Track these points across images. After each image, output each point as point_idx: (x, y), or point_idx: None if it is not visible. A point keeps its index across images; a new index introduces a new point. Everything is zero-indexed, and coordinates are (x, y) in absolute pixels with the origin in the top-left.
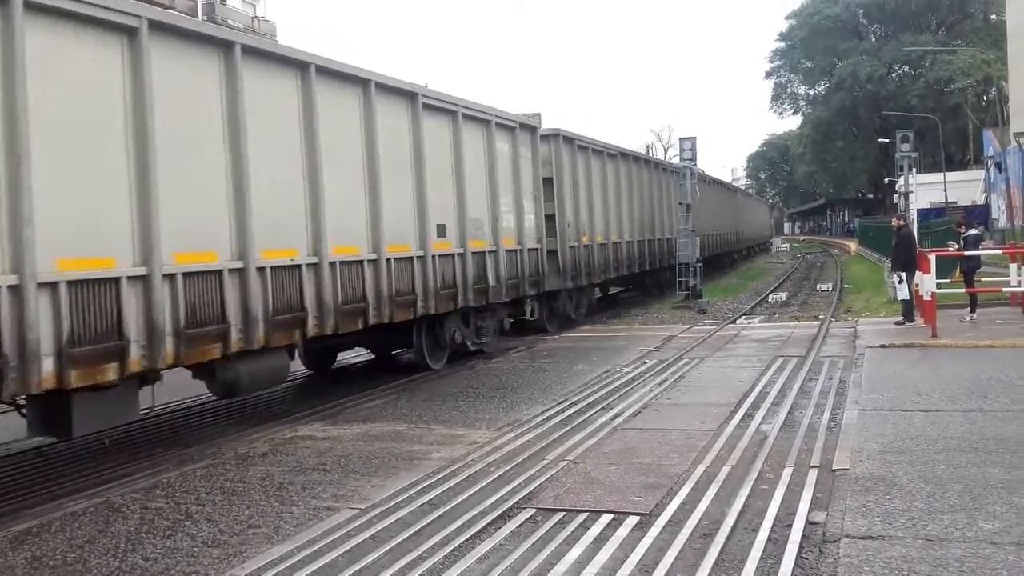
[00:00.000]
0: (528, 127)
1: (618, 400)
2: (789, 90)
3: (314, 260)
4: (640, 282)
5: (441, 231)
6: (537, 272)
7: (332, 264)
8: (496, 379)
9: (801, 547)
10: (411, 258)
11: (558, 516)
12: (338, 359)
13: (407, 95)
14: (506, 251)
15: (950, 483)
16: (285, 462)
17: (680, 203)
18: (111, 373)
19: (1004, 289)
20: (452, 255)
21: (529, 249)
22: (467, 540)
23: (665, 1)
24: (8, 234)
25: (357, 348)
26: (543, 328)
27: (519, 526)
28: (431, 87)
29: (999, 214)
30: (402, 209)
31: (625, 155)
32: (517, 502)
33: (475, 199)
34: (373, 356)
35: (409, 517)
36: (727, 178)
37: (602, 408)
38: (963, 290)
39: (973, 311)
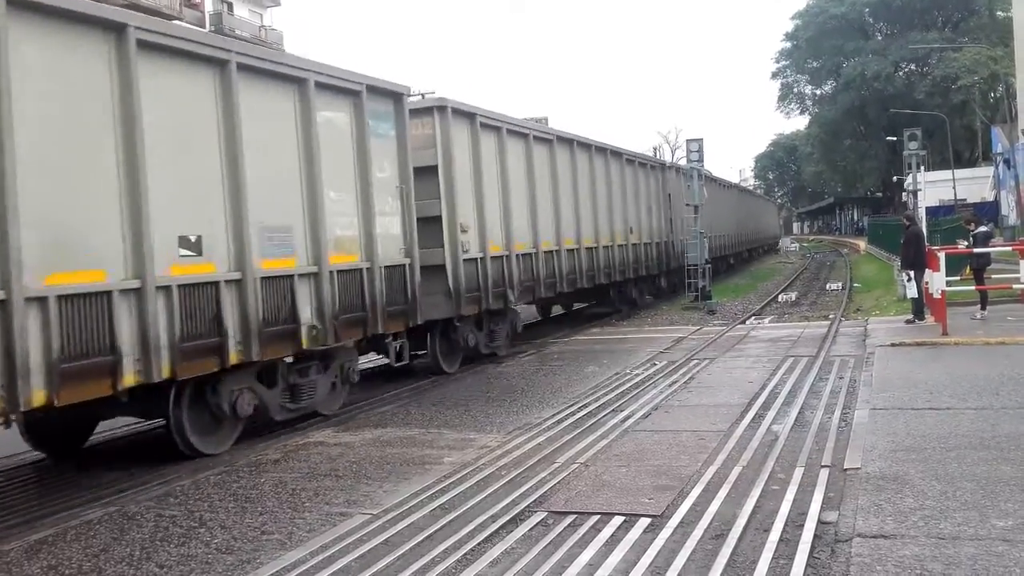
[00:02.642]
0: (388, 93)
1: (628, 402)
2: (796, 90)
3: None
4: (600, 298)
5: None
6: (404, 297)
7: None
8: (506, 382)
9: (813, 547)
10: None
11: (570, 519)
12: None
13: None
14: (339, 272)
15: (962, 481)
16: (298, 468)
17: (687, 204)
18: None
19: (1015, 286)
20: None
21: (386, 267)
22: (479, 544)
23: (670, 4)
24: None
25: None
26: (437, 370)
27: (531, 529)
28: (442, 94)
29: (1009, 211)
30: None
31: (566, 140)
32: (529, 505)
33: (269, 195)
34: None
35: (421, 521)
36: (735, 179)
37: (612, 410)
38: (973, 287)
39: (984, 308)
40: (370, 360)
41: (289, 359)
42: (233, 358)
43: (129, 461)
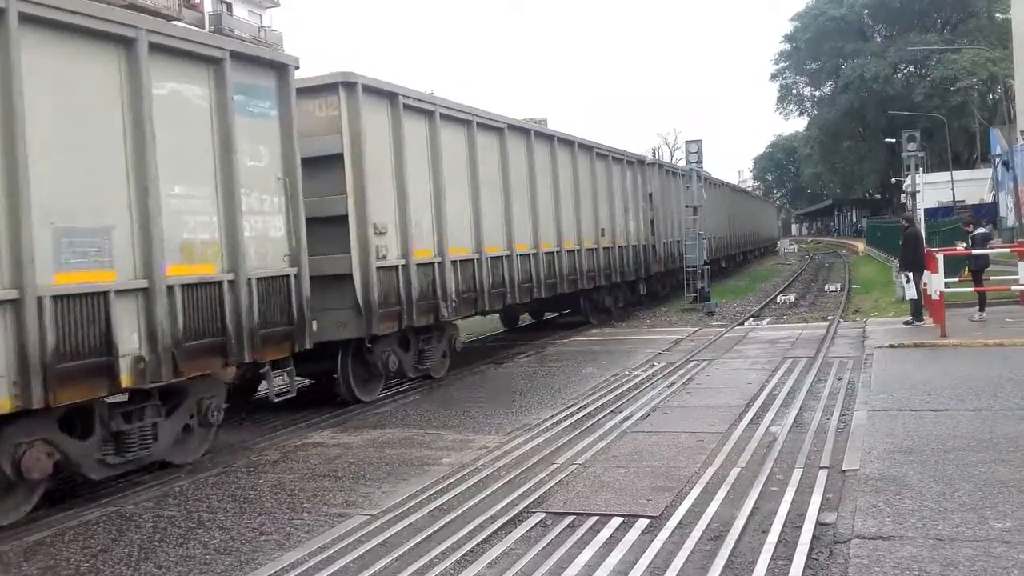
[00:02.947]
0: (266, 63)
1: (627, 403)
2: (795, 91)
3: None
4: (575, 304)
5: None
6: (286, 316)
7: None
8: (505, 383)
9: (812, 548)
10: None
11: (568, 520)
12: None
13: None
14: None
15: (960, 482)
16: (296, 469)
17: (687, 206)
18: None
19: (1013, 288)
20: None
21: (259, 279)
22: (478, 545)
23: (669, 6)
24: None
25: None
26: (351, 398)
27: (529, 530)
28: (440, 95)
29: (1007, 212)
30: None
31: (520, 130)
32: (527, 506)
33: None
34: None
35: (420, 522)
36: (734, 180)
37: (611, 411)
38: (972, 289)
39: (982, 310)
40: None
41: (115, 399)
42: (5, 405)
43: None
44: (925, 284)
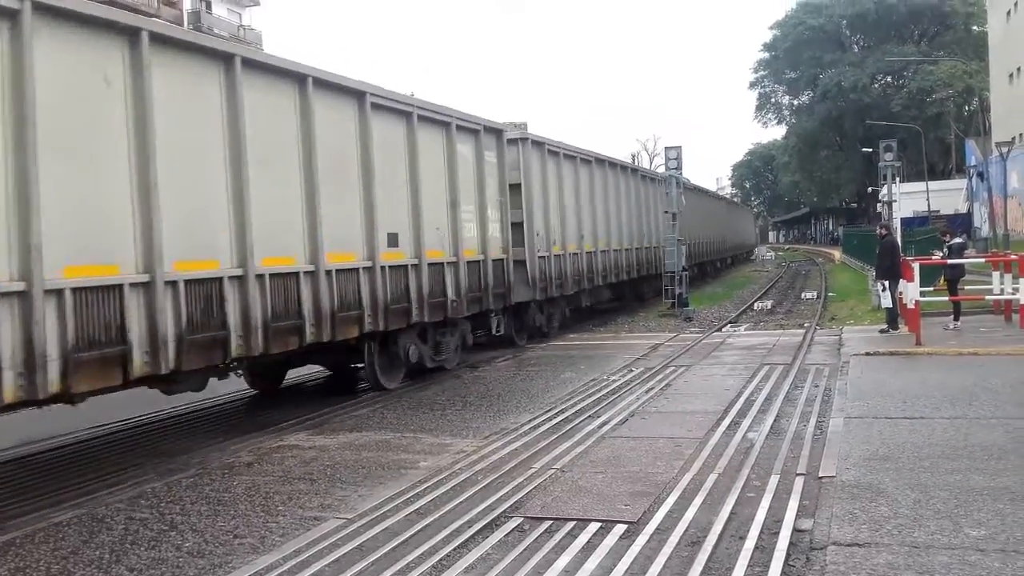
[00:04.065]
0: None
1: (605, 408)
2: (773, 100)
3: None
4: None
5: None
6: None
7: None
8: (483, 387)
9: (788, 555)
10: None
11: (546, 525)
12: None
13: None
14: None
15: (936, 490)
16: (271, 471)
17: (666, 212)
18: None
19: (987, 297)
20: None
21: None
22: (454, 549)
23: (649, 12)
24: None
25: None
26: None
27: (507, 535)
28: (419, 96)
29: (981, 223)
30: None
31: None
32: (505, 511)
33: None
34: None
35: (396, 527)
36: (712, 187)
37: (589, 416)
38: (947, 298)
39: (957, 319)
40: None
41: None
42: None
43: (100, 463)
44: (901, 293)
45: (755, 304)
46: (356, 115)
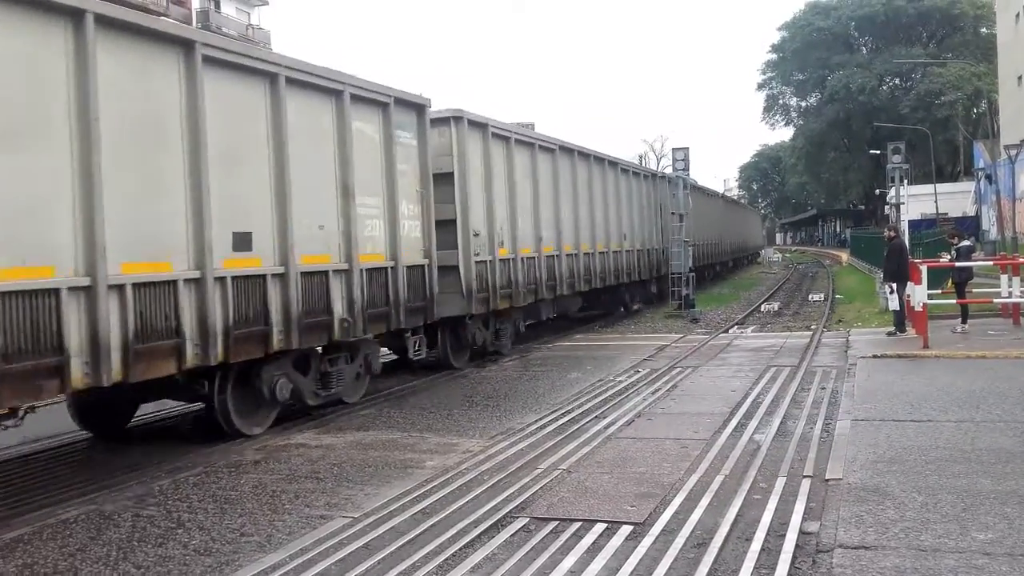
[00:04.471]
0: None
1: (611, 409)
2: (781, 101)
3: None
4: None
5: None
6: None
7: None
8: (489, 387)
9: (794, 557)
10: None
11: (552, 525)
12: None
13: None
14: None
15: (943, 493)
16: (278, 470)
17: (673, 213)
18: None
19: (995, 300)
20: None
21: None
22: (460, 549)
23: (657, 14)
24: None
25: None
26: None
27: (513, 535)
28: (427, 95)
29: (989, 226)
30: None
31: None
32: (511, 511)
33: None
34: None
35: (402, 526)
36: (719, 188)
37: (595, 417)
38: (955, 301)
39: (964, 322)
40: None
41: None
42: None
43: (107, 461)
44: (908, 295)
45: (762, 306)
46: (182, 70)
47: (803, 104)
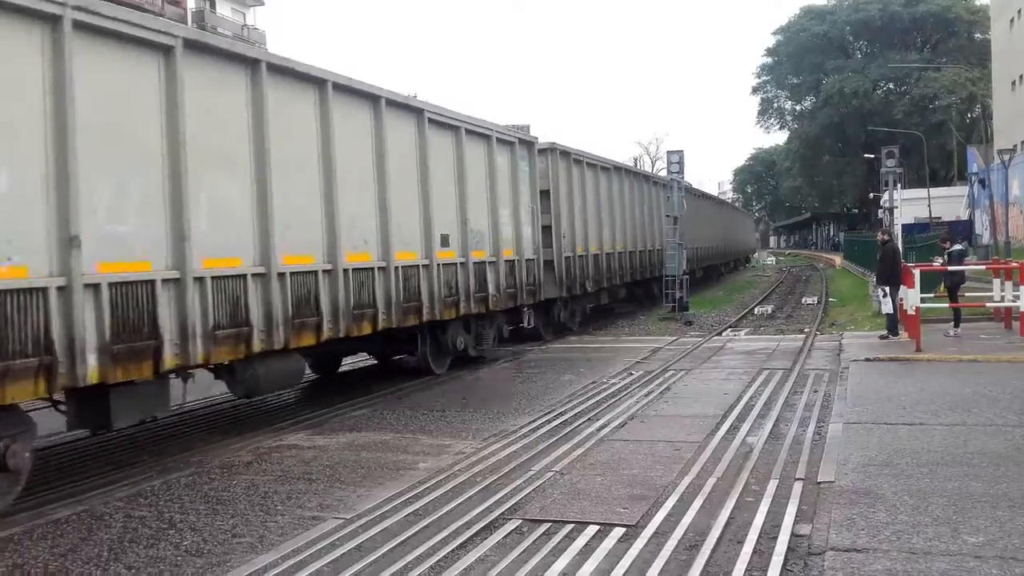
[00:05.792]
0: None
1: (604, 411)
2: (776, 105)
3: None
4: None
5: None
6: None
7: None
8: (483, 389)
9: (786, 559)
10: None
11: (544, 527)
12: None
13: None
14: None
15: (934, 496)
16: (270, 471)
17: (667, 215)
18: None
19: (988, 304)
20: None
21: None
22: (453, 551)
23: (652, 16)
24: None
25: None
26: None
27: (505, 537)
28: (428, 100)
29: (982, 230)
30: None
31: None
32: (503, 513)
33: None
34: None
35: (395, 527)
36: (714, 191)
37: (588, 419)
38: (947, 305)
39: (957, 326)
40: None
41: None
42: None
43: (98, 460)
44: (901, 299)
45: (755, 309)
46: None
47: (798, 108)
